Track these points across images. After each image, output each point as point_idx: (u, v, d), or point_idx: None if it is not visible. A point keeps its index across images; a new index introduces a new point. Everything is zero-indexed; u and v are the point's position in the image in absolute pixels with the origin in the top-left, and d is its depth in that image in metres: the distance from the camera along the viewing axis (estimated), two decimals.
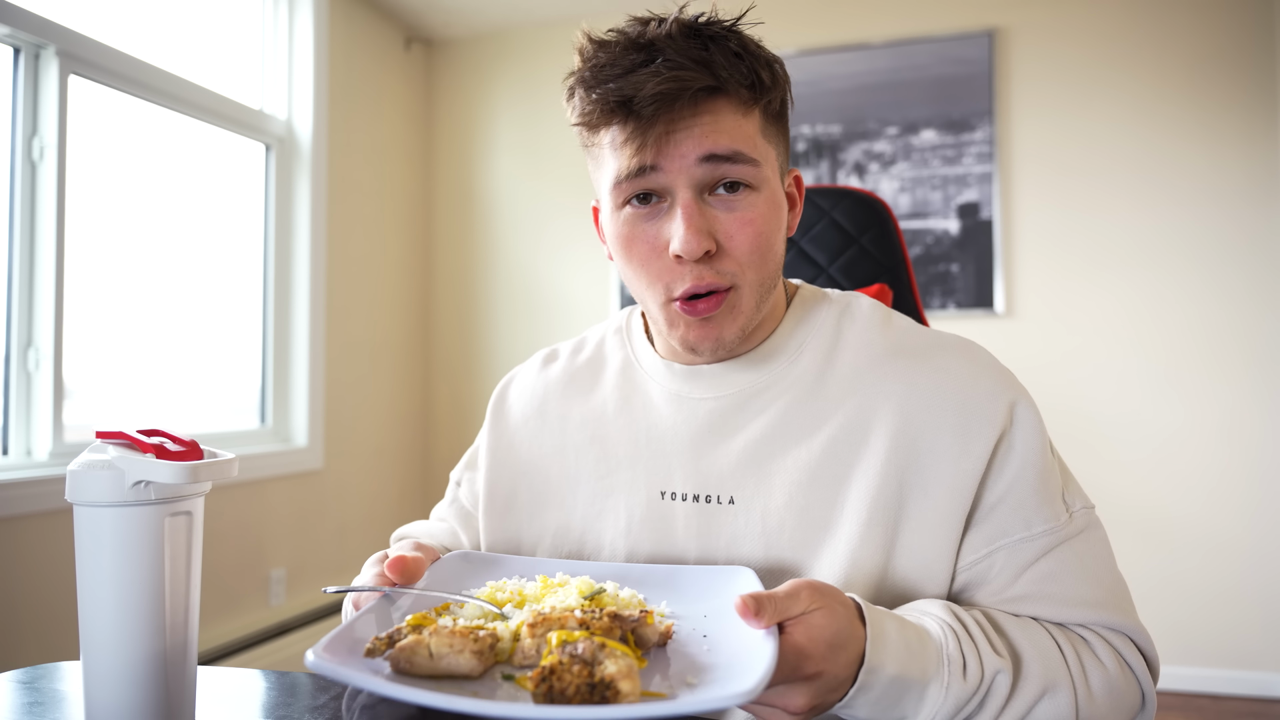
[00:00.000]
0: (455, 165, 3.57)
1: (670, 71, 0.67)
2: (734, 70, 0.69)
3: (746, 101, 0.70)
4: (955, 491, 0.69)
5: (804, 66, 3.10)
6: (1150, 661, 0.70)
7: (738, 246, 0.71)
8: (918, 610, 0.65)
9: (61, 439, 2.05)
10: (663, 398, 0.81)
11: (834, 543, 0.71)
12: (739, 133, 0.70)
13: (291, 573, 2.78)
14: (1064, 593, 0.68)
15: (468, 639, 0.54)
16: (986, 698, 0.61)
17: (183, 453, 0.58)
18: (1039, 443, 0.71)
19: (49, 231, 2.04)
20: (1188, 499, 2.74)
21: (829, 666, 0.55)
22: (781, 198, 0.75)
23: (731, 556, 0.74)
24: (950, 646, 0.61)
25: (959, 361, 0.75)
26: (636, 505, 0.79)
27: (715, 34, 0.70)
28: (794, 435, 0.75)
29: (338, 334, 3.02)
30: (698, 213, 0.69)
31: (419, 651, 0.53)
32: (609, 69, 0.69)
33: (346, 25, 3.09)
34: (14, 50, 2.02)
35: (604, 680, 0.48)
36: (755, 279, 0.73)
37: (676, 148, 0.68)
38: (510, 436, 0.88)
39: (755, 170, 0.70)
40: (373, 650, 0.55)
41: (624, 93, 0.67)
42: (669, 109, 0.67)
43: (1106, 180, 2.84)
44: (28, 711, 0.65)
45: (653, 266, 0.72)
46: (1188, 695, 2.68)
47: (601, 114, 0.69)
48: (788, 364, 0.78)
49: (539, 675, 0.49)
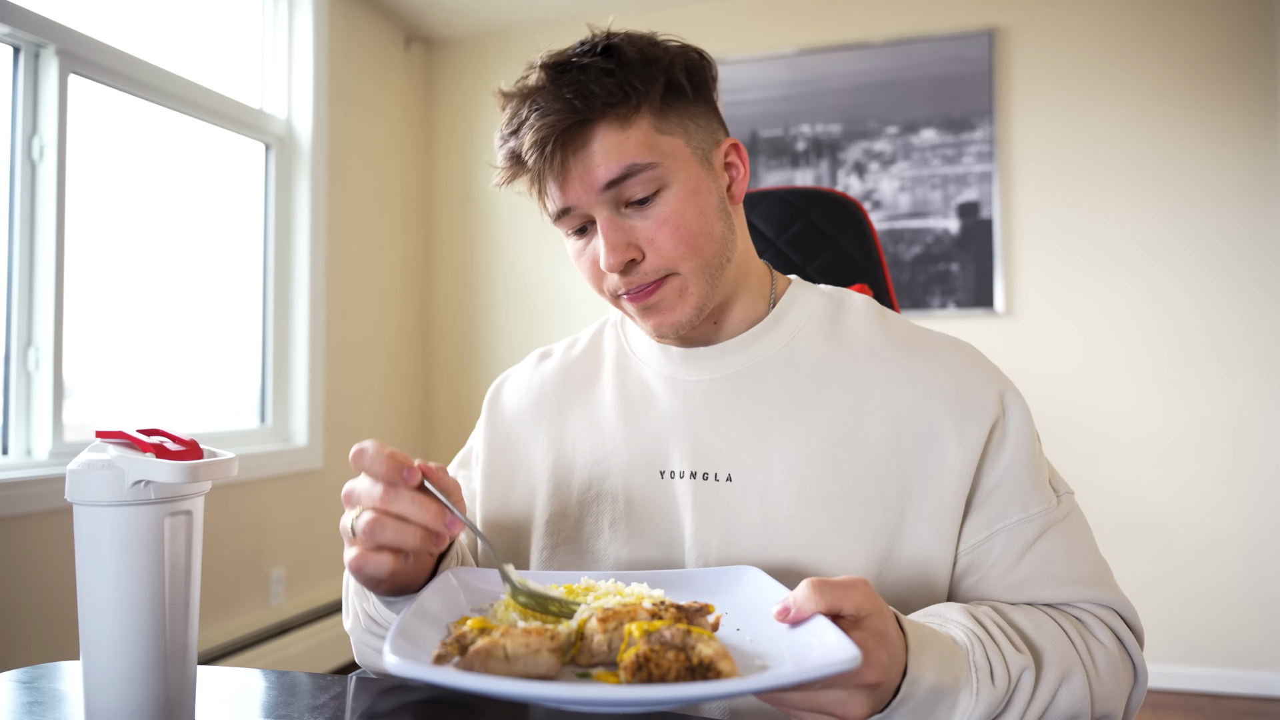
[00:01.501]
0: (455, 165, 3.57)
1: (540, 120, 0.71)
2: (601, 93, 0.71)
3: (622, 115, 0.72)
4: (955, 475, 0.72)
5: (804, 66, 3.10)
6: (1137, 634, 0.73)
7: (660, 247, 0.74)
8: (938, 616, 0.66)
9: (61, 439, 2.05)
10: (658, 381, 0.83)
11: (835, 522, 0.72)
12: (624, 147, 0.72)
13: (291, 573, 2.78)
14: (1060, 573, 0.72)
15: (544, 637, 0.51)
16: (1014, 696, 0.63)
17: (183, 452, 0.58)
18: (1029, 429, 0.74)
19: (49, 231, 2.04)
20: (1189, 499, 2.74)
21: (887, 677, 0.55)
22: (702, 180, 0.76)
23: (729, 531, 0.75)
24: (977, 654, 0.62)
25: (951, 354, 0.78)
26: (636, 486, 0.80)
27: (583, 63, 0.72)
28: (792, 415, 0.76)
29: (338, 334, 3.02)
30: (614, 228, 0.74)
31: (494, 654, 0.50)
32: (507, 126, 0.75)
33: (346, 24, 3.09)
34: (14, 50, 2.02)
35: (703, 662, 0.48)
36: (694, 265, 0.75)
37: (575, 184, 0.73)
38: (506, 430, 0.89)
39: (656, 172, 0.73)
40: (443, 656, 0.51)
41: (516, 148, 0.74)
42: (548, 154, 0.71)
43: (1107, 179, 2.84)
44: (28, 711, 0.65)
45: (596, 277, 0.78)
46: (1188, 694, 2.68)
47: (506, 171, 0.76)
48: (781, 346, 0.80)
49: (633, 664, 0.48)
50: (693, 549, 0.76)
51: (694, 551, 0.76)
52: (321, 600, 2.86)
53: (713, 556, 0.75)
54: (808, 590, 0.54)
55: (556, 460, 0.85)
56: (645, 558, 0.79)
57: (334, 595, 2.93)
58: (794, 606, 0.54)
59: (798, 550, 0.73)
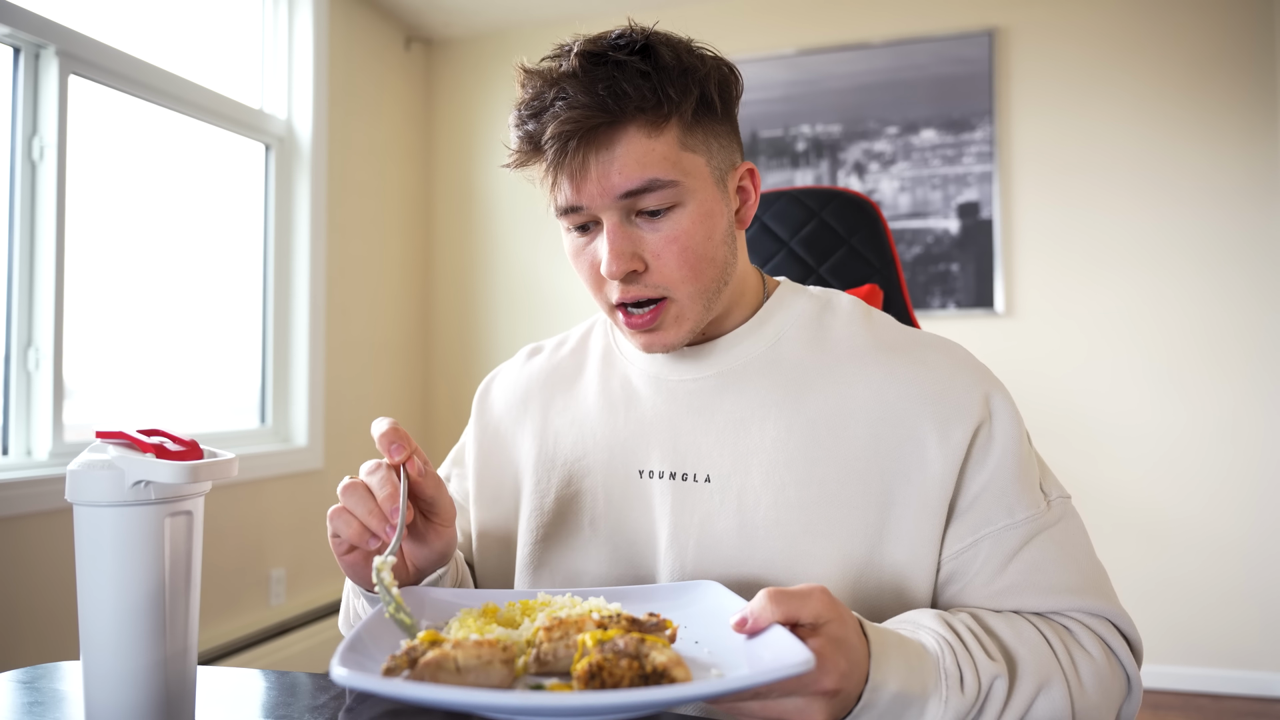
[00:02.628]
0: (455, 165, 3.57)
1: (567, 112, 0.68)
2: (636, 95, 0.68)
3: (653, 122, 0.69)
4: (936, 480, 0.70)
5: (804, 66, 3.10)
6: (1133, 645, 0.71)
7: (665, 264, 0.72)
8: (911, 623, 0.65)
9: (61, 439, 2.05)
10: (642, 380, 0.82)
11: (812, 526, 0.71)
12: (649, 158, 0.69)
13: (291, 573, 2.78)
14: (1048, 580, 0.69)
15: (496, 649, 0.50)
16: (985, 705, 0.62)
17: (183, 452, 0.58)
18: (1017, 432, 0.73)
19: (49, 231, 2.04)
20: (1189, 498, 2.73)
21: (846, 684, 0.54)
22: (716, 203, 0.74)
23: (705, 533, 0.74)
24: (947, 661, 0.60)
25: (937, 356, 0.76)
26: (615, 485, 0.79)
27: (619, 59, 0.69)
28: (772, 417, 0.75)
29: (338, 334, 3.02)
30: (620, 236, 0.71)
31: (445, 665, 0.49)
32: (529, 106, 0.71)
33: (346, 25, 3.09)
34: (14, 50, 2.02)
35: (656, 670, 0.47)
36: (692, 290, 0.74)
37: (592, 185, 0.70)
38: (495, 428, 0.90)
39: (674, 190, 0.71)
40: (393, 669, 0.50)
41: (536, 133, 0.70)
42: (569, 149, 0.68)
43: (1107, 179, 2.84)
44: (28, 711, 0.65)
45: (594, 280, 0.76)
46: (1188, 695, 2.68)
47: (520, 154, 0.72)
48: (766, 348, 0.79)
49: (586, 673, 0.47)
50: (669, 550, 0.75)
51: (670, 552, 0.75)
52: (321, 600, 2.86)
53: (689, 558, 0.74)
54: (764, 600, 0.54)
55: (539, 455, 0.85)
56: (623, 556, 0.78)
57: (334, 596, 2.93)
58: (751, 617, 0.54)
59: (774, 554, 0.72)
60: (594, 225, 0.74)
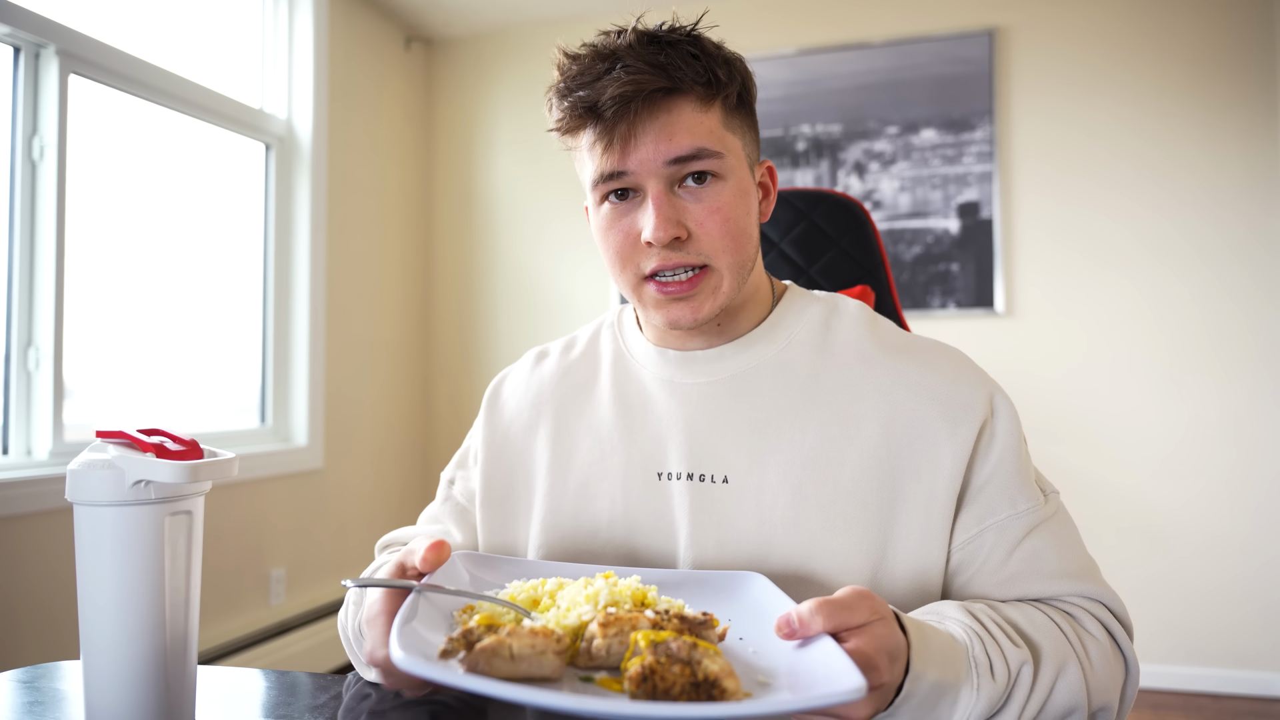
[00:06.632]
0: (455, 165, 3.57)
1: (628, 76, 0.72)
2: (690, 70, 0.73)
3: (704, 98, 0.75)
4: (946, 474, 0.74)
5: (804, 66, 3.10)
6: (1126, 627, 0.75)
7: (708, 232, 0.75)
8: (936, 614, 0.68)
9: (61, 438, 2.05)
10: (655, 384, 0.84)
11: (830, 523, 0.74)
12: (699, 128, 0.74)
13: (291, 572, 2.78)
14: (1050, 567, 0.73)
15: (550, 639, 0.52)
16: (1013, 691, 0.64)
17: (183, 452, 0.58)
18: (1016, 430, 0.77)
19: (49, 231, 2.04)
20: (1189, 499, 2.73)
21: (890, 678, 0.56)
22: (750, 185, 0.80)
23: (724, 534, 0.76)
24: (976, 650, 0.63)
25: (940, 358, 0.80)
26: (634, 487, 0.81)
27: (673, 40, 0.75)
28: (788, 418, 0.78)
29: (338, 334, 3.02)
30: (666, 203, 0.74)
31: (500, 653, 0.50)
32: (578, 78, 0.75)
33: (346, 24, 3.09)
34: (14, 50, 2.02)
35: (708, 679, 0.48)
36: (731, 261, 0.77)
37: (643, 149, 0.73)
38: (505, 430, 0.90)
39: (720, 161, 0.75)
40: (449, 651, 0.51)
41: (590, 99, 0.73)
42: (629, 110, 0.72)
43: (1107, 179, 2.84)
44: (28, 711, 0.65)
45: (626, 251, 0.77)
46: (1188, 694, 2.68)
47: (572, 119, 0.75)
48: (777, 352, 0.82)
49: (639, 675, 0.48)
50: (688, 550, 0.77)
51: (690, 552, 0.77)
52: (321, 600, 2.86)
53: (709, 557, 0.76)
54: (812, 610, 0.55)
55: (554, 460, 0.85)
56: (642, 558, 0.80)
57: (334, 595, 2.93)
58: (798, 625, 0.55)
59: (793, 551, 0.74)
60: (633, 194, 0.76)
